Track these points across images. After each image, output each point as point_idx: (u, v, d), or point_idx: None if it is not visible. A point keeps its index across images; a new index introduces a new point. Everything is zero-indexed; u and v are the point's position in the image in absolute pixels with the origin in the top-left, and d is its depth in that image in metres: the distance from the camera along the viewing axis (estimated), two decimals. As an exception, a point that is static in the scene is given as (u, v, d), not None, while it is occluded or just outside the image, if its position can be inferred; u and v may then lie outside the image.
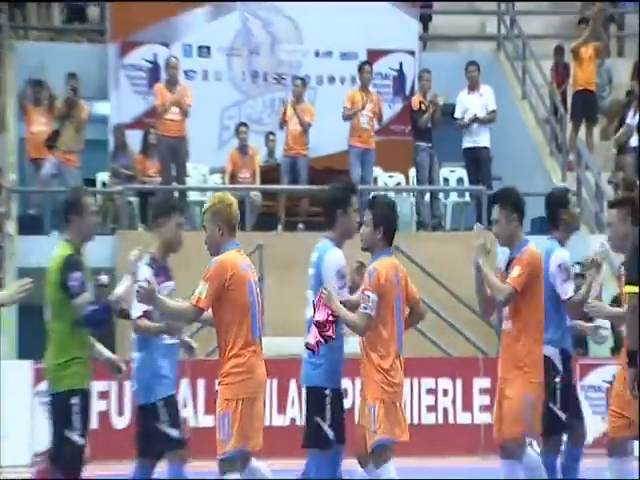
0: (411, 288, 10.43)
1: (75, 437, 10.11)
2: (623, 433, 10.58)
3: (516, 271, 10.28)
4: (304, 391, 10.89)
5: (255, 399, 9.94)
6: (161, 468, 10.92)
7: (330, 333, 10.23)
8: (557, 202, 11.32)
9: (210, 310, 10.12)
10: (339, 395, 10.56)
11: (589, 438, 17.52)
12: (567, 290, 10.69)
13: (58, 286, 9.75)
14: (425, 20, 26.45)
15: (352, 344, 10.84)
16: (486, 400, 18.42)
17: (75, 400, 10.10)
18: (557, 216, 11.14)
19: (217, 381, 10.25)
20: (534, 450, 10.84)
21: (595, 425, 17.19)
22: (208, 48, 24.20)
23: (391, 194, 22.38)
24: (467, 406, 19.12)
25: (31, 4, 27.43)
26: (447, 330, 19.06)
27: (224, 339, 9.99)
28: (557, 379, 10.86)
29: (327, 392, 10.18)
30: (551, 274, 10.67)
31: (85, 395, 10.18)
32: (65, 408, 10.00)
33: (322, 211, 10.97)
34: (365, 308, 10.09)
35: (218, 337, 10.08)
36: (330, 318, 10.16)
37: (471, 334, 18.80)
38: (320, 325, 10.14)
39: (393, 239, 10.59)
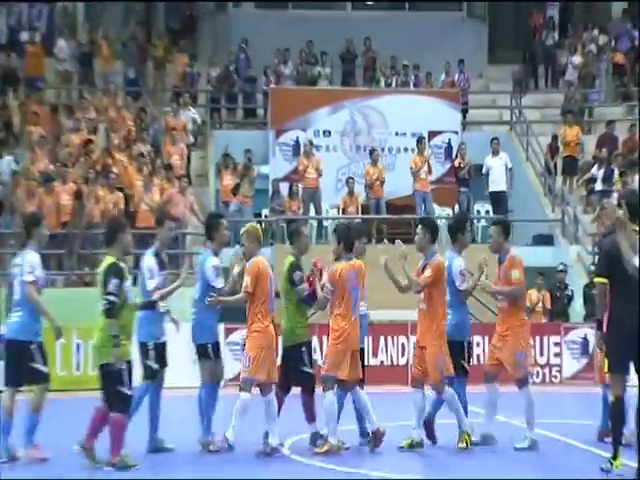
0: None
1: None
2: (495, 369, 11.50)
3: (427, 272, 11.14)
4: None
5: (268, 348, 11.00)
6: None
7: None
8: (457, 226, 12.07)
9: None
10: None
11: (568, 373, 18.45)
12: (462, 284, 11.49)
13: (287, 280, 11.06)
14: (464, 112, 26.58)
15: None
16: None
17: None
18: (456, 236, 11.79)
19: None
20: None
21: (572, 365, 18.33)
22: (329, 132, 25.10)
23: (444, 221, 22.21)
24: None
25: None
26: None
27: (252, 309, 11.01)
28: (464, 342, 11.69)
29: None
30: (454, 274, 11.43)
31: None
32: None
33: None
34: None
35: (252, 308, 11.03)
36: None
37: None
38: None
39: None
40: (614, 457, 9.62)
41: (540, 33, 29.45)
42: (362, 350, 11.75)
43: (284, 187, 23.67)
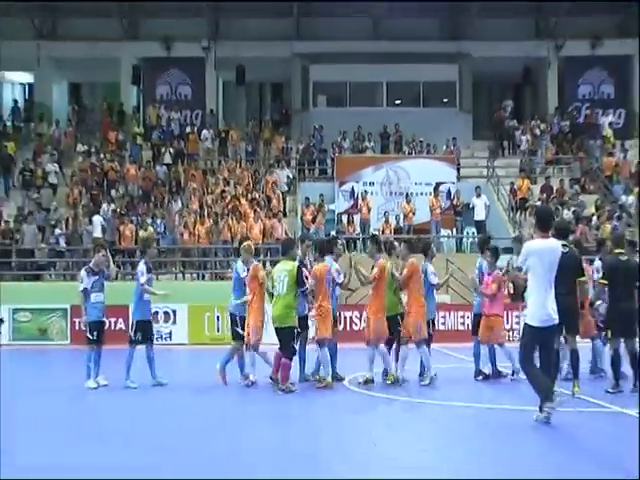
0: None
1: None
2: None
3: (405, 272, 10.77)
4: None
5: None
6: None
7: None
8: (424, 248, 11.41)
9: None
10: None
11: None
12: (434, 280, 11.03)
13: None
14: (458, 170, 26.20)
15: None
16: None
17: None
18: (427, 251, 11.25)
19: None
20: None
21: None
22: (373, 183, 25.26)
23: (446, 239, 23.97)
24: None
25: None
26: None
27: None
28: (430, 320, 10.96)
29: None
30: (429, 274, 10.96)
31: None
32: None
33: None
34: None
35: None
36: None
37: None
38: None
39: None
40: (574, 385, 9.49)
41: (504, 121, 29.15)
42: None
43: (344, 217, 23.96)
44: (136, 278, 11.45)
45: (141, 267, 11.25)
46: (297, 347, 10.66)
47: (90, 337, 11.13)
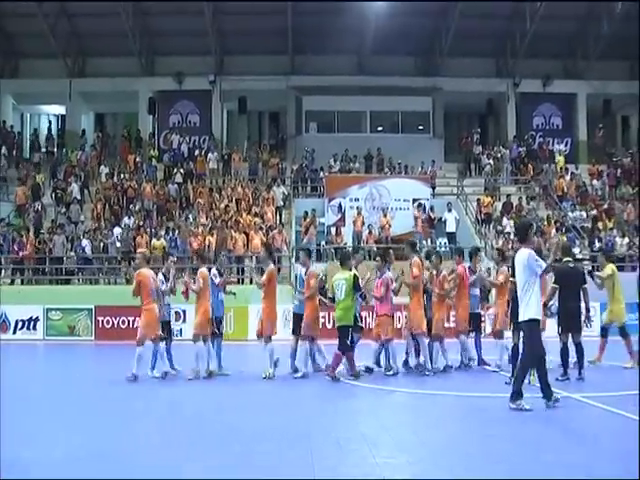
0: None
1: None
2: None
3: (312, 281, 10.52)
4: None
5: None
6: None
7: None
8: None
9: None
10: None
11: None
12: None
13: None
14: (432, 188, 25.64)
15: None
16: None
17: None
18: (474, 255, 11.49)
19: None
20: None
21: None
22: (358, 199, 24.56)
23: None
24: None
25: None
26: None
27: None
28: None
29: None
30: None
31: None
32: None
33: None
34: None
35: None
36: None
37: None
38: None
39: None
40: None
41: (471, 147, 29.22)
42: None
43: (332, 229, 23.52)
44: (211, 282, 11.06)
45: (213, 271, 11.08)
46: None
47: (161, 334, 10.94)
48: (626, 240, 22.81)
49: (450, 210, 23.94)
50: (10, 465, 5.42)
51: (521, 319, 7.76)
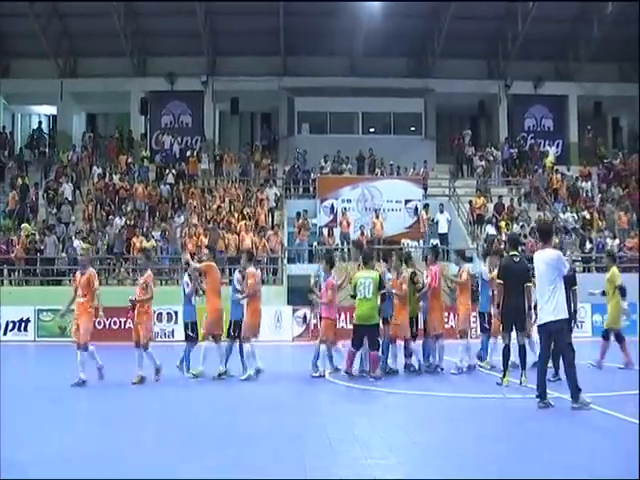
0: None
1: None
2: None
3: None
4: None
5: None
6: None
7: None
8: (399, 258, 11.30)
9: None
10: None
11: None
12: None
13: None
14: (424, 189, 25.72)
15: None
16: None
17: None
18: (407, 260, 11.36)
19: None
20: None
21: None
22: (350, 200, 24.78)
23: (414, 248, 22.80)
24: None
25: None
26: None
27: None
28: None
29: None
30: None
31: None
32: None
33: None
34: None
35: None
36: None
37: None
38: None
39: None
40: (504, 376, 9.30)
41: (463, 148, 29.14)
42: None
43: (325, 230, 23.78)
44: (232, 285, 11.15)
45: (236, 275, 11.10)
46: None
47: (190, 334, 10.89)
48: (617, 241, 22.88)
49: (442, 211, 23.99)
50: (10, 465, 5.48)
51: (550, 319, 7.57)
